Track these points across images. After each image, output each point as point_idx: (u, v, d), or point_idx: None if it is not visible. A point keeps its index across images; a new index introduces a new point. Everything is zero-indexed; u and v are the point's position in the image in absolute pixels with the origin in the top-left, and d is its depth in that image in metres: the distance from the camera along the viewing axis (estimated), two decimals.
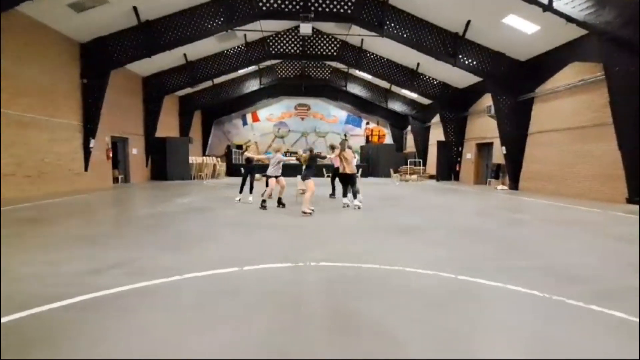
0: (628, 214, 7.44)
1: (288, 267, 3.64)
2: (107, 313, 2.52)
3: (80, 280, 3.17)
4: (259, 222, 6.15)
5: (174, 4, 11.82)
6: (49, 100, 10.58)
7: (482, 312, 2.64)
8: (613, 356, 2.06)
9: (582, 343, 2.20)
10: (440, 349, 2.08)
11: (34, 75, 9.92)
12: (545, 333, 2.31)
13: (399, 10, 12.67)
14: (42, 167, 10.24)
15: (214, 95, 21.09)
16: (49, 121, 10.58)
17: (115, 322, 2.38)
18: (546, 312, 2.62)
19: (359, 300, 2.79)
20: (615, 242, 5.03)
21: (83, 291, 2.86)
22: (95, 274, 3.35)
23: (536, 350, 2.11)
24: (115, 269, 3.48)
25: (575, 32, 9.90)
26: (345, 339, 2.18)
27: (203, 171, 18.95)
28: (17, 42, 9.24)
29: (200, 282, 3.17)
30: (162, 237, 5.02)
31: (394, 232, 5.44)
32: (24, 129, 9.60)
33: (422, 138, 22.52)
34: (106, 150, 13.90)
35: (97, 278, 3.22)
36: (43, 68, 10.29)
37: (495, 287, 3.11)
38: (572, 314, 2.60)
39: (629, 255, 4.22)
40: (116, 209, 8.31)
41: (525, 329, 2.37)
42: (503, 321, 2.50)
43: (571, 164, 11.12)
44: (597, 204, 9.16)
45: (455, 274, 3.40)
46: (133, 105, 15.91)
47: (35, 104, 9.99)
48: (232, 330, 2.30)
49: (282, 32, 16.82)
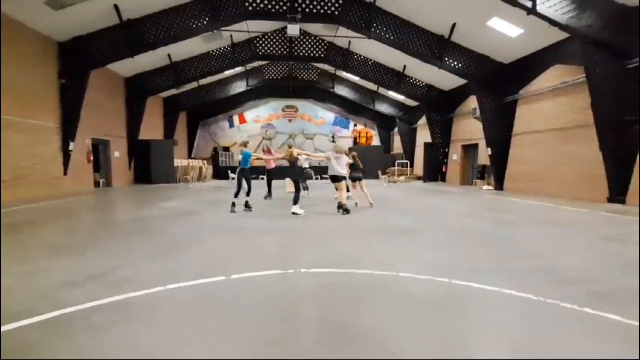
0: (613, 214, 7.61)
1: (277, 274, 3.51)
2: (81, 331, 2.33)
3: (54, 293, 2.96)
4: (248, 226, 5.99)
5: (158, 3, 11.52)
6: (25, 101, 10.12)
7: (482, 317, 2.58)
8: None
9: (581, 346, 2.16)
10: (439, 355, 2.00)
11: (9, 75, 9.46)
12: (543, 337, 2.26)
13: (386, 12, 12.71)
14: (18, 171, 9.77)
15: (200, 97, 20.72)
16: (25, 122, 10.12)
17: (90, 341, 2.20)
18: (541, 315, 2.59)
19: (353, 309, 2.69)
20: (608, 242, 5.09)
21: (57, 306, 2.66)
22: (70, 286, 3.14)
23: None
24: (92, 281, 3.27)
25: (558, 35, 10.13)
26: (340, 352, 2.08)
27: (189, 174, 18.55)
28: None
29: (184, 293, 3.01)
30: (144, 245, 4.80)
31: (387, 235, 5.38)
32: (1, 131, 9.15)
33: (409, 139, 22.70)
34: (87, 153, 13.42)
35: (73, 291, 3.01)
36: (18, 67, 9.83)
37: (496, 292, 3.06)
38: (571, 317, 2.57)
39: (623, 256, 4.27)
40: (95, 214, 7.98)
41: (521, 333, 2.32)
42: (501, 326, 2.45)
43: (554, 165, 11.37)
44: (580, 203, 9.36)
45: (450, 278, 3.35)
46: (115, 107, 15.44)
47: (10, 104, 9.52)
48: (217, 346, 2.16)
49: (269, 33, 16.66)
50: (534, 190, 12.11)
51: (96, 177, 14.35)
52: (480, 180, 15.55)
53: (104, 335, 2.27)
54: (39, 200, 9.47)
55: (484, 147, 14.61)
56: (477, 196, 11.92)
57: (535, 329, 2.40)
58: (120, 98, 15.88)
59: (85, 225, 6.53)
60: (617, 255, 4.30)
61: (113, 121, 15.29)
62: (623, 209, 8.21)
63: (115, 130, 15.52)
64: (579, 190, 10.32)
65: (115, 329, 2.37)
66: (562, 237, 5.40)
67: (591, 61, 8.98)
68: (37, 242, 4.92)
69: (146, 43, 12.05)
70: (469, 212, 8.09)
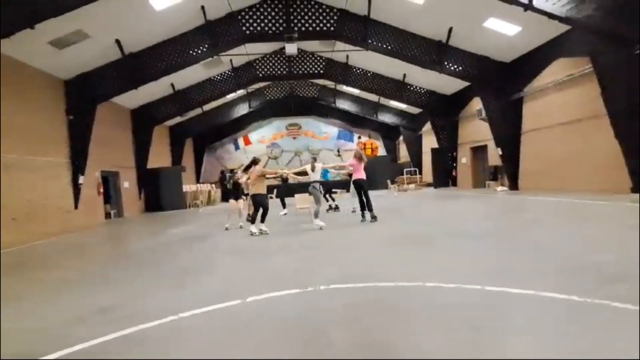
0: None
1: (296, 293, 3.30)
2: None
3: (62, 331, 2.79)
4: (262, 247, 5.80)
5: (157, 35, 11.82)
6: (34, 140, 10.28)
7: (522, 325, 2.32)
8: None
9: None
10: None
11: (16, 116, 9.66)
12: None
13: (381, 23, 12.81)
14: (28, 209, 9.81)
15: (205, 122, 20.99)
16: (35, 160, 10.26)
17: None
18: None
19: (380, 327, 2.45)
20: None
21: (64, 344, 2.49)
22: (79, 322, 2.97)
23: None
24: (101, 315, 3.11)
25: (557, 29, 10.00)
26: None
27: (198, 199, 18.56)
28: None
29: (198, 322, 2.81)
30: (155, 274, 4.64)
31: (412, 243, 5.13)
32: (7, 171, 9.25)
33: (415, 147, 22.51)
34: (97, 185, 13.52)
35: (81, 327, 2.84)
36: (26, 107, 10.05)
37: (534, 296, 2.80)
38: (627, 317, 2.29)
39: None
40: (105, 246, 7.90)
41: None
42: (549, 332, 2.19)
43: (569, 158, 11.01)
44: (602, 196, 8.96)
45: (482, 285, 3.09)
46: (122, 138, 15.67)
47: (19, 145, 9.67)
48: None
49: (268, 54, 16.95)
50: (551, 186, 11.69)
51: (107, 209, 14.40)
52: (493, 182, 15.16)
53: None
54: (50, 235, 9.46)
55: (494, 147, 14.32)
56: (492, 198, 11.56)
57: (588, 331, 2.13)
58: (128, 129, 16.14)
59: (94, 259, 6.42)
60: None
61: (121, 152, 15.49)
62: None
63: (124, 161, 15.69)
64: (600, 182, 9.90)
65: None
66: (592, 233, 5.07)
67: (596, 51, 8.79)
68: (48, 279, 4.79)
69: (149, 74, 12.30)
70: (487, 214, 7.78)
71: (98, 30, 10.11)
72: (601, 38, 8.53)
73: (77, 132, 11.90)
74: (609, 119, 8.99)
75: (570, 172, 11.03)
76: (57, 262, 5.93)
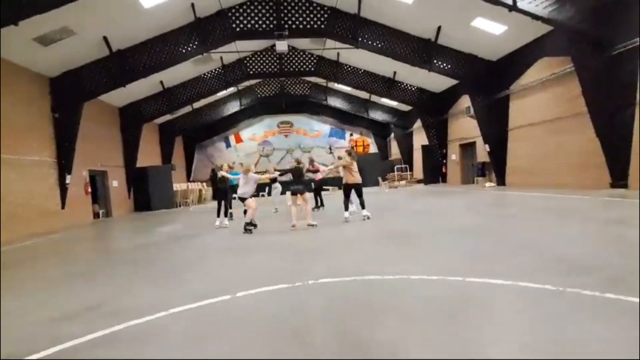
0: (615, 198, 7.49)
1: (285, 288, 3.37)
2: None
3: (50, 329, 2.81)
4: (250, 245, 5.85)
5: (146, 32, 11.68)
6: (19, 138, 10.10)
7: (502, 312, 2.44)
8: None
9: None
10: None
11: (2, 114, 9.47)
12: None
13: (371, 22, 12.90)
14: (13, 209, 9.65)
15: (195, 120, 20.82)
16: (20, 160, 10.08)
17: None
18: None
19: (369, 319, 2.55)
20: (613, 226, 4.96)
21: (52, 342, 2.52)
22: (67, 320, 2.99)
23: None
24: (90, 312, 3.13)
25: (542, 29, 10.23)
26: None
27: (188, 197, 18.44)
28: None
29: (187, 317, 2.86)
30: (143, 271, 4.66)
31: (404, 240, 5.25)
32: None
33: (405, 144, 22.74)
34: (84, 185, 13.35)
35: (70, 325, 2.87)
36: (10, 105, 9.85)
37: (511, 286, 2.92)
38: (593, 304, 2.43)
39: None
40: (92, 245, 7.85)
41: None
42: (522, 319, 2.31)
43: (553, 155, 11.29)
44: (584, 191, 9.24)
45: (463, 277, 3.21)
46: (111, 137, 15.47)
47: (3, 143, 9.50)
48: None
49: (258, 51, 16.88)
50: (536, 182, 11.98)
51: (95, 209, 14.22)
52: (481, 178, 15.45)
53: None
54: (36, 236, 9.32)
55: (482, 144, 14.58)
56: (479, 194, 11.80)
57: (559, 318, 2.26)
58: (116, 127, 15.93)
59: (81, 258, 6.38)
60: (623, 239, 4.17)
61: (109, 151, 15.29)
62: (625, 194, 8.10)
63: (113, 160, 15.50)
64: (582, 178, 10.20)
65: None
66: (569, 226, 5.27)
67: (577, 51, 9.04)
68: (33, 277, 4.77)
69: (137, 72, 12.15)
70: (471, 209, 7.97)
71: (85, 27, 9.96)
72: (581, 39, 8.77)
73: (63, 130, 11.71)
74: (589, 116, 9.26)
75: (553, 168, 11.32)
76: (41, 262, 5.88)
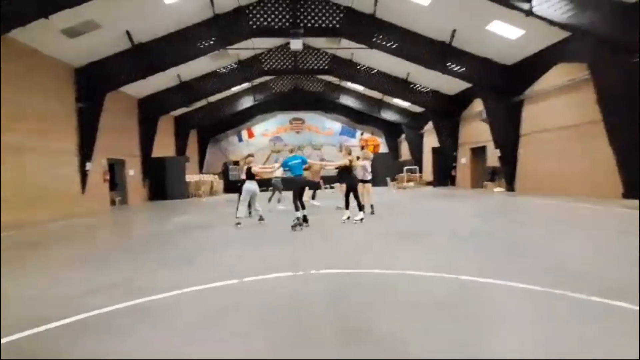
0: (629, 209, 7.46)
1: (289, 276, 3.62)
2: (103, 334, 2.48)
3: (78, 301, 3.13)
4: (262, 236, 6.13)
5: (166, 26, 12.07)
6: (45, 126, 10.63)
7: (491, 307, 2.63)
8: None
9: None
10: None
11: (29, 102, 9.99)
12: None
13: (386, 22, 12.96)
14: (39, 192, 10.19)
15: (209, 114, 21.27)
16: (45, 146, 10.61)
17: (111, 344, 2.34)
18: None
19: (367, 309, 2.77)
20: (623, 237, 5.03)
21: (80, 311, 2.83)
22: (93, 294, 3.31)
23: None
24: (112, 289, 3.44)
25: (559, 34, 10.14)
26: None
27: (200, 189, 18.92)
28: (11, 69, 9.34)
29: (199, 296, 3.14)
30: (161, 256, 4.98)
31: (409, 240, 5.43)
32: (22, 155, 9.62)
33: (416, 145, 22.71)
34: (103, 173, 13.89)
35: (95, 298, 3.18)
36: (38, 94, 10.38)
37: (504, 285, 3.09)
38: (578, 305, 2.59)
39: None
40: (114, 230, 8.26)
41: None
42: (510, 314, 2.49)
43: (565, 162, 11.21)
44: (595, 200, 9.19)
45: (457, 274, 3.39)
46: (129, 127, 16.00)
47: (31, 130, 10.03)
48: (231, 347, 2.28)
49: (273, 48, 17.13)
50: (546, 189, 11.92)
51: (112, 196, 14.77)
52: (491, 183, 15.39)
53: (127, 337, 2.42)
54: (59, 218, 9.83)
55: (493, 149, 14.52)
56: (487, 199, 11.81)
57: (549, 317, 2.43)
58: (134, 118, 16.46)
59: (105, 241, 6.77)
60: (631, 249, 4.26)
61: (127, 141, 15.83)
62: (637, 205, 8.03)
63: (130, 150, 16.04)
64: (593, 186, 10.13)
65: (137, 330, 2.51)
66: (578, 235, 5.35)
67: (595, 58, 8.96)
68: (61, 257, 5.15)
69: (157, 65, 12.58)
70: (478, 214, 8.06)
71: (109, 21, 10.38)
72: (600, 45, 8.68)
73: (85, 120, 12.23)
74: (604, 125, 9.19)
75: (565, 175, 11.25)
76: (68, 243, 6.28)
